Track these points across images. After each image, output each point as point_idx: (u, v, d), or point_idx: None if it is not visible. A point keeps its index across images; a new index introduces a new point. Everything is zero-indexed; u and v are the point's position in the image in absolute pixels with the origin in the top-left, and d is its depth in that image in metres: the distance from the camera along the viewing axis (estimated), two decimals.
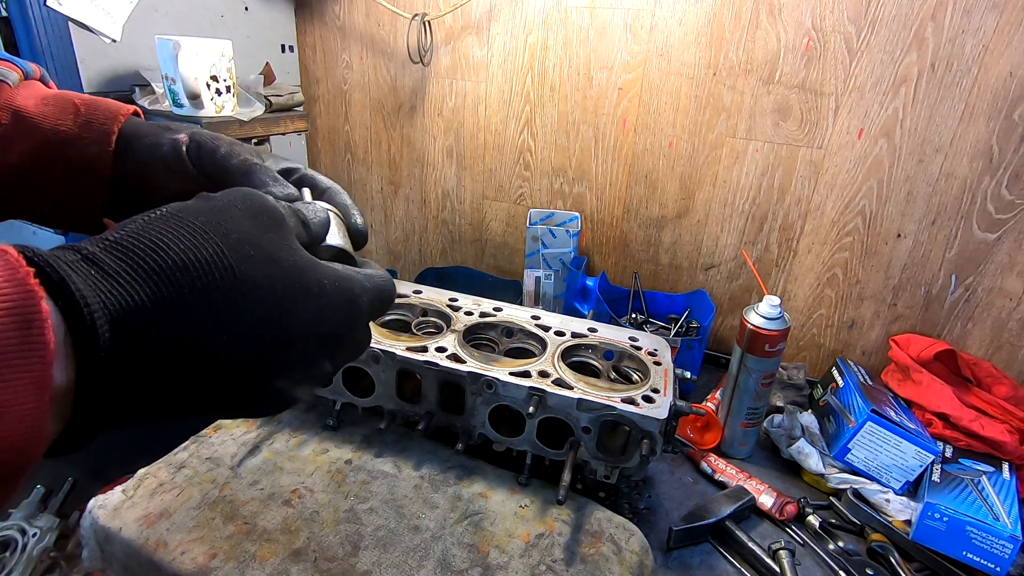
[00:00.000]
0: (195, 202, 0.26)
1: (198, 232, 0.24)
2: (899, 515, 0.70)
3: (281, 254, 0.26)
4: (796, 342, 1.03)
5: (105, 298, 0.21)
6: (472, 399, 0.66)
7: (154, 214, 0.24)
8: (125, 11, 0.84)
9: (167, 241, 0.23)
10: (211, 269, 0.23)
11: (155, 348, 0.22)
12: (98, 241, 0.22)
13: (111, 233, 0.23)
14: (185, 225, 0.24)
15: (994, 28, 0.77)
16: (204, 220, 0.24)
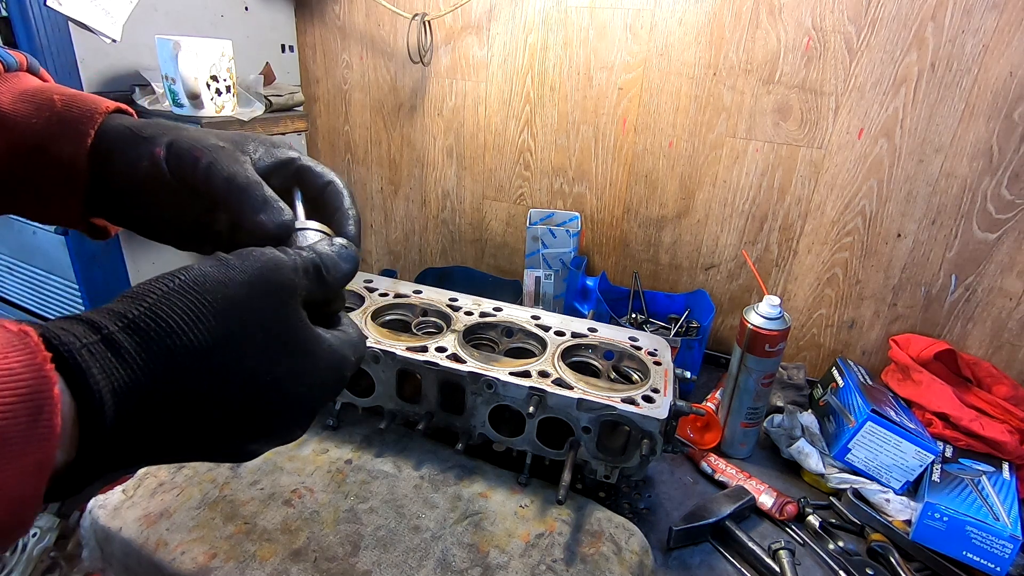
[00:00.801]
0: (213, 270, 0.26)
1: (212, 315, 0.25)
2: (899, 515, 0.70)
3: (286, 336, 0.27)
4: (796, 342, 1.03)
5: (116, 384, 0.22)
6: (472, 399, 0.66)
7: (173, 283, 0.25)
8: (125, 11, 0.84)
9: (181, 325, 0.24)
10: (219, 354, 0.25)
11: (155, 423, 0.24)
12: (116, 317, 0.23)
13: (132, 307, 0.24)
14: (201, 306, 0.25)
15: (994, 28, 0.77)
16: (219, 301, 0.25)
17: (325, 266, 0.30)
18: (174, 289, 0.25)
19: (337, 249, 0.31)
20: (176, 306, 0.24)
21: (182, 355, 0.24)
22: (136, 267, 0.90)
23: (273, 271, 0.28)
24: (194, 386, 0.24)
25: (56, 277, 0.91)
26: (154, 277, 0.25)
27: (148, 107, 0.87)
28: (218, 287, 0.25)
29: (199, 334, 0.24)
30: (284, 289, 0.28)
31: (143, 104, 0.87)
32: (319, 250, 0.31)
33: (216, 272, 0.26)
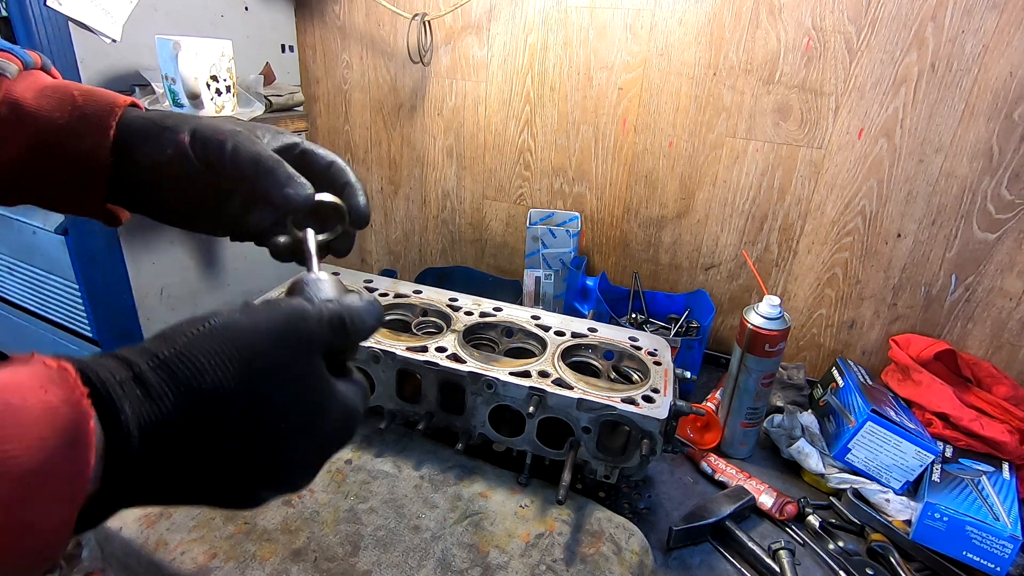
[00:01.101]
0: (242, 318, 0.27)
1: (238, 362, 0.26)
2: (899, 515, 0.70)
3: (305, 389, 0.28)
4: (796, 342, 1.03)
5: (143, 419, 0.23)
6: (472, 399, 0.66)
7: (203, 328, 0.26)
8: (125, 11, 0.84)
9: (208, 368, 0.25)
10: (242, 399, 0.26)
11: (176, 459, 0.24)
12: (148, 356, 0.24)
13: (163, 347, 0.25)
14: (228, 352, 0.26)
15: (994, 28, 0.77)
16: (246, 349, 0.26)
17: (351, 319, 0.31)
18: (204, 333, 0.26)
19: (363, 304, 0.32)
20: (205, 350, 0.25)
21: (207, 396, 0.25)
22: (136, 267, 0.90)
23: (299, 322, 0.29)
24: (216, 427, 0.25)
25: (56, 277, 0.91)
26: (186, 320, 0.27)
27: (148, 107, 0.87)
28: (245, 335, 0.27)
29: (224, 378, 0.25)
30: (308, 342, 0.29)
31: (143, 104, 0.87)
32: (345, 303, 0.31)
33: (245, 320, 0.27)
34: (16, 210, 0.90)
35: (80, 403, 0.21)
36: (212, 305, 1.04)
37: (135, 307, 0.91)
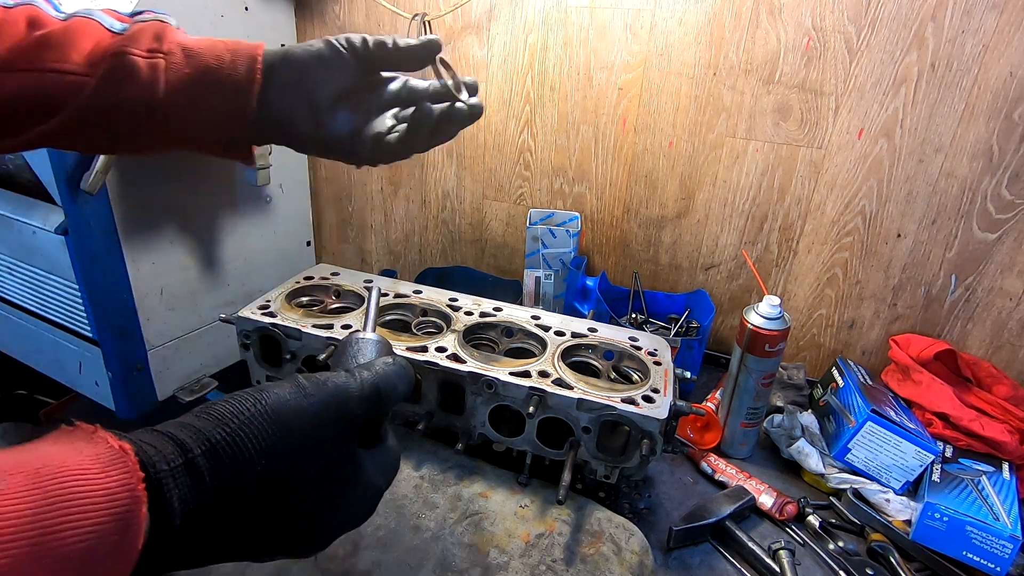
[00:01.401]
0: (292, 399, 0.30)
1: (282, 449, 0.28)
2: (899, 515, 0.70)
3: (337, 472, 0.31)
4: (796, 342, 1.03)
5: (189, 504, 0.25)
6: (472, 399, 0.66)
7: (256, 407, 0.28)
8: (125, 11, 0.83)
9: (254, 455, 0.27)
10: (278, 483, 0.28)
11: (209, 535, 0.27)
12: (201, 440, 0.26)
13: (216, 430, 0.27)
14: (274, 439, 0.28)
15: (994, 28, 0.77)
16: (290, 434, 0.29)
17: (385, 389, 0.34)
18: (256, 415, 0.28)
19: (395, 369, 0.36)
20: (253, 436, 0.28)
21: (249, 482, 0.27)
22: (136, 267, 0.90)
23: (340, 406, 0.32)
24: (251, 506, 0.28)
25: (56, 277, 0.91)
26: (242, 394, 0.29)
27: None
28: (292, 418, 0.29)
29: (267, 466, 0.28)
30: (347, 425, 0.32)
31: None
32: (379, 371, 0.35)
33: (293, 401, 0.30)
34: (16, 210, 0.90)
35: (136, 489, 0.22)
36: (212, 305, 1.04)
37: (135, 307, 0.91)
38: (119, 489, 0.22)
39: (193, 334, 1.02)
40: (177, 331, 0.99)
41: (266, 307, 0.74)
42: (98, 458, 0.22)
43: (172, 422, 0.27)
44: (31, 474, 0.20)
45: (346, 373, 0.33)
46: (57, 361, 1.02)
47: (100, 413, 1.00)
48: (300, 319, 0.72)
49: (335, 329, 0.70)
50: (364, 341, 0.40)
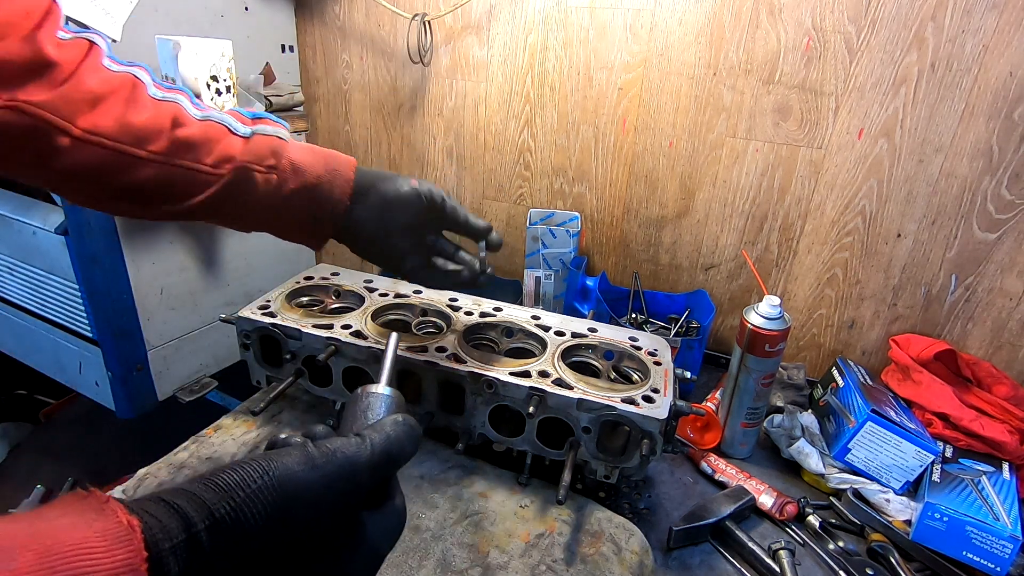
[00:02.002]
0: (300, 471, 0.29)
1: (286, 523, 0.28)
2: (899, 515, 0.70)
3: (339, 542, 0.31)
4: (796, 342, 1.03)
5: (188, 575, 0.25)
6: (472, 399, 0.66)
7: (263, 480, 0.28)
8: (125, 11, 0.84)
9: (259, 530, 0.27)
10: (280, 555, 0.28)
11: None
12: (206, 514, 0.26)
13: (222, 502, 0.27)
14: (280, 513, 0.28)
15: (994, 28, 0.77)
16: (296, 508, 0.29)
17: (395, 450, 0.35)
18: (262, 488, 0.28)
19: (406, 429, 0.36)
20: (257, 509, 0.27)
21: (250, 554, 0.27)
22: (136, 267, 0.90)
23: (349, 478, 0.32)
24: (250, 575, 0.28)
25: (56, 277, 0.91)
26: (251, 462, 0.29)
27: None
28: (299, 491, 0.29)
29: (271, 541, 0.28)
30: (354, 494, 0.32)
31: None
32: (390, 433, 0.35)
33: (302, 474, 0.30)
34: (16, 210, 0.90)
35: (140, 568, 0.23)
36: (212, 305, 1.04)
37: (135, 307, 0.91)
38: (123, 567, 0.22)
39: (193, 334, 1.02)
40: (177, 331, 0.99)
41: (266, 307, 0.74)
42: (105, 535, 0.23)
43: (180, 488, 0.27)
44: (41, 552, 0.21)
45: (357, 439, 0.33)
46: (57, 361, 1.02)
47: (100, 413, 1.00)
48: (300, 319, 0.72)
49: (335, 329, 0.70)
50: (376, 397, 0.39)
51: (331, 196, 0.54)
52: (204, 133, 0.49)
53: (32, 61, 0.41)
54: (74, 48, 0.44)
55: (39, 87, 0.42)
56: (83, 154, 0.44)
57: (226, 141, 0.50)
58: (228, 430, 0.71)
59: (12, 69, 0.41)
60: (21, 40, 0.41)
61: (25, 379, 1.37)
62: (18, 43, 0.40)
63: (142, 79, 0.48)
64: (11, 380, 1.38)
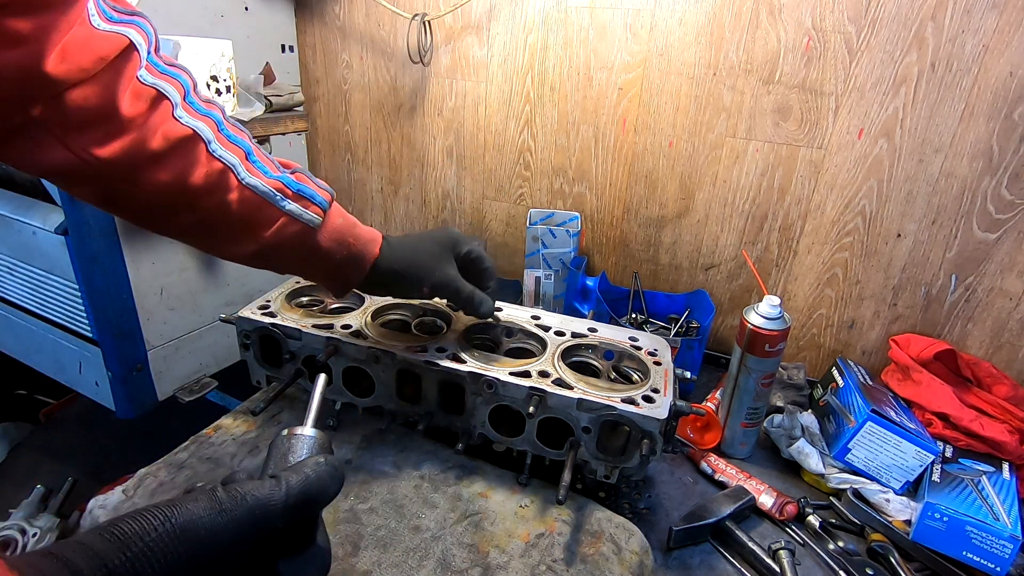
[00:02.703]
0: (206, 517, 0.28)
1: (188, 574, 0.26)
2: (899, 515, 0.70)
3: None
4: (796, 342, 1.03)
5: None
6: (472, 399, 0.66)
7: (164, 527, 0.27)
8: None
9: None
10: None
11: None
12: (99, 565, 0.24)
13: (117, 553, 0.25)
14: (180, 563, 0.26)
15: (994, 28, 0.77)
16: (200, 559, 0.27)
17: (314, 494, 0.33)
18: (162, 536, 0.26)
19: (327, 470, 0.34)
20: (156, 559, 0.26)
21: None
22: (136, 267, 0.90)
23: (259, 523, 0.30)
24: None
25: (56, 277, 0.91)
26: (153, 510, 0.27)
27: None
28: (204, 538, 0.27)
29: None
30: (268, 540, 0.30)
31: None
32: (309, 475, 0.33)
33: (207, 519, 0.28)
34: (16, 210, 0.90)
35: None
36: (212, 305, 1.04)
37: (135, 307, 0.91)
38: None
39: (193, 334, 1.02)
40: (177, 331, 0.99)
41: (266, 307, 0.74)
42: None
43: (76, 541, 0.25)
44: None
45: (272, 481, 0.32)
46: (57, 361, 1.02)
47: (100, 413, 1.00)
48: (300, 319, 0.72)
49: (335, 329, 0.70)
50: (298, 439, 0.37)
51: (347, 277, 0.60)
52: (242, 202, 0.51)
53: (103, 113, 0.41)
54: (145, 100, 0.44)
55: (107, 140, 0.42)
56: (140, 200, 0.47)
57: (260, 216, 0.52)
58: (228, 430, 0.71)
59: (85, 117, 0.41)
60: (101, 88, 0.40)
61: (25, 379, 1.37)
62: (97, 90, 0.40)
63: (204, 135, 0.48)
64: (11, 380, 1.38)
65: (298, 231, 0.54)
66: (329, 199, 0.56)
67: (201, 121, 0.48)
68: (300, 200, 0.54)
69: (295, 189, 0.53)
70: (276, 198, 0.52)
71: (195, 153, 0.47)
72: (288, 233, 0.53)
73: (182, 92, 0.47)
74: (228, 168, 0.49)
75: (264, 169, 0.52)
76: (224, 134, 0.50)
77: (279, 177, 0.53)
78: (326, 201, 0.56)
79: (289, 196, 0.53)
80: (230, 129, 0.51)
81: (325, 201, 0.56)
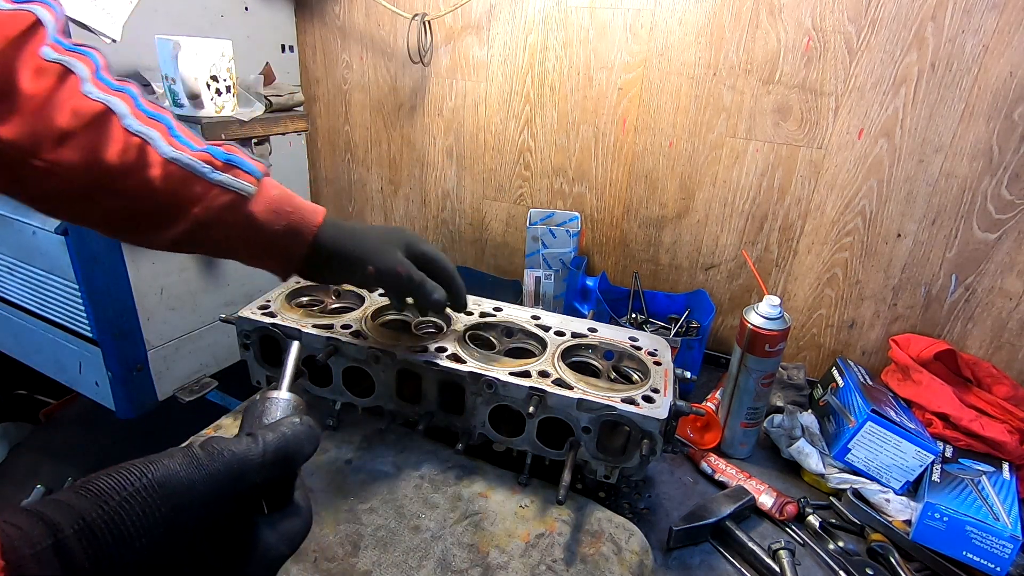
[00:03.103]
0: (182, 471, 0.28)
1: (165, 526, 0.26)
2: (899, 515, 0.70)
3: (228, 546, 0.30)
4: (796, 342, 1.03)
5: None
6: (472, 399, 0.66)
7: (140, 482, 0.27)
8: (125, 11, 0.84)
9: (134, 534, 0.26)
10: (161, 561, 0.26)
11: None
12: (75, 518, 0.25)
13: (93, 507, 0.25)
14: (157, 515, 0.26)
15: (994, 28, 0.77)
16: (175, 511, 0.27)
17: (291, 450, 0.33)
18: (139, 490, 0.26)
19: (304, 429, 0.34)
20: (135, 513, 0.26)
21: (134, 565, 0.25)
22: (136, 267, 0.90)
23: (237, 477, 0.30)
24: None
25: (56, 277, 0.91)
26: (128, 466, 0.27)
27: None
28: (180, 491, 0.27)
29: (149, 546, 0.26)
30: (243, 496, 0.30)
31: None
32: (285, 432, 0.33)
33: (183, 473, 0.28)
34: (16, 210, 0.90)
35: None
36: (211, 305, 1.04)
37: (135, 307, 0.91)
38: None
39: (193, 334, 1.02)
40: (177, 331, 0.99)
41: (266, 307, 0.74)
42: None
43: (51, 499, 0.26)
44: None
45: (249, 438, 0.32)
46: (57, 361, 1.02)
47: (100, 413, 1.00)
48: (300, 319, 0.72)
49: (335, 329, 0.70)
50: (273, 401, 0.38)
51: (287, 251, 0.55)
52: (166, 178, 0.47)
53: (1, 90, 0.40)
54: (50, 76, 0.42)
55: (5, 118, 0.41)
56: (50, 183, 0.44)
57: (186, 191, 0.48)
58: (228, 430, 0.71)
59: None
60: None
61: (25, 379, 1.37)
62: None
63: (117, 110, 0.45)
64: (11, 380, 1.38)
65: (230, 201, 0.50)
66: (263, 169, 0.53)
67: (114, 96, 0.45)
68: (230, 170, 0.51)
69: (224, 159, 0.50)
70: (204, 170, 0.49)
71: (108, 128, 0.45)
72: (219, 204, 0.50)
73: (92, 68, 0.45)
74: (146, 142, 0.46)
75: (187, 143, 0.49)
76: (141, 109, 0.47)
77: (205, 149, 0.50)
78: (259, 171, 0.53)
79: (218, 167, 0.50)
80: (148, 105, 0.48)
81: (258, 170, 0.53)
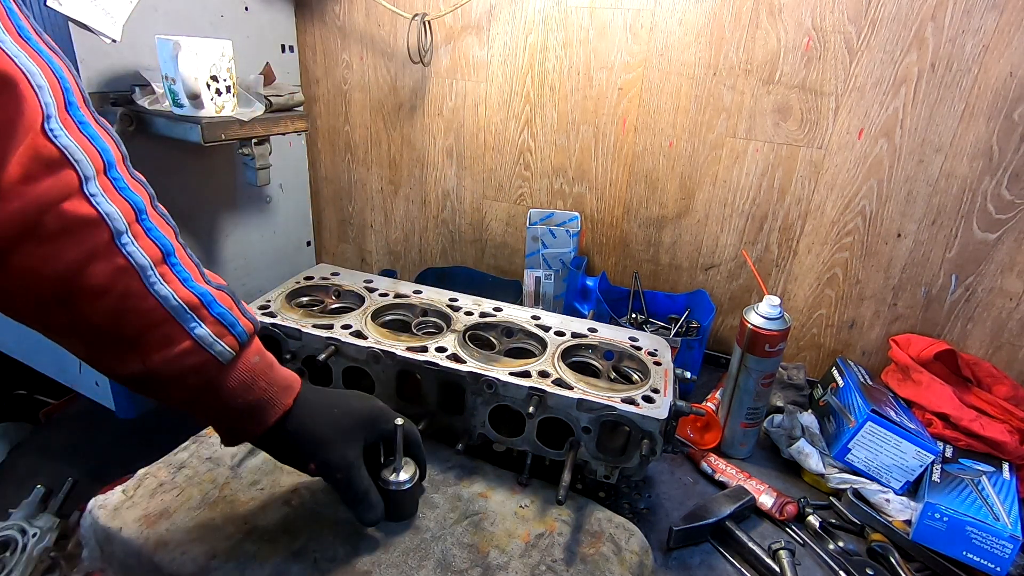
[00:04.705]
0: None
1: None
2: (899, 515, 0.70)
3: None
4: (796, 342, 1.03)
5: None
6: (472, 399, 0.66)
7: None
8: (125, 11, 0.83)
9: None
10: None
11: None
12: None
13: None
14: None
15: (994, 28, 0.77)
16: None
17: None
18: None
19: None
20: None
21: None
22: None
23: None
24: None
25: None
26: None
27: (148, 107, 0.87)
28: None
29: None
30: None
31: (143, 104, 0.87)
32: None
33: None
34: None
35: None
36: None
37: None
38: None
39: None
40: None
41: (266, 307, 0.74)
42: None
43: None
44: None
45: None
46: (57, 361, 1.02)
47: (100, 413, 1.00)
48: (300, 319, 0.72)
49: (335, 329, 0.70)
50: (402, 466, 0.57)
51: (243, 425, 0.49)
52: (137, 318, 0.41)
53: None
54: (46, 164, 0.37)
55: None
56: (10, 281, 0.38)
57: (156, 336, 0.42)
58: None
59: None
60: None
61: (25, 379, 1.37)
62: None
63: (113, 225, 0.39)
64: (11, 380, 1.38)
65: (201, 363, 0.44)
66: (251, 331, 0.48)
67: (115, 206, 0.39)
68: (217, 326, 0.45)
69: (216, 312, 0.45)
70: (186, 317, 0.43)
71: (94, 244, 0.38)
72: (188, 364, 0.43)
73: (101, 165, 0.39)
74: (135, 270, 0.40)
75: (184, 275, 0.43)
76: (143, 225, 0.41)
77: (200, 291, 0.44)
78: (246, 333, 0.47)
79: (205, 318, 0.44)
80: (153, 219, 0.42)
81: (245, 332, 0.47)
